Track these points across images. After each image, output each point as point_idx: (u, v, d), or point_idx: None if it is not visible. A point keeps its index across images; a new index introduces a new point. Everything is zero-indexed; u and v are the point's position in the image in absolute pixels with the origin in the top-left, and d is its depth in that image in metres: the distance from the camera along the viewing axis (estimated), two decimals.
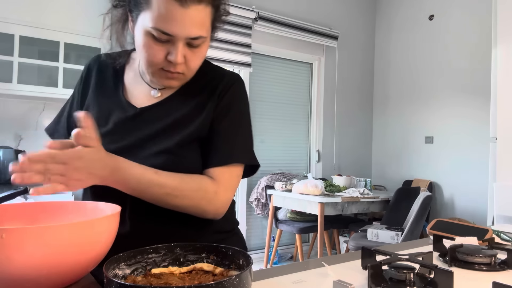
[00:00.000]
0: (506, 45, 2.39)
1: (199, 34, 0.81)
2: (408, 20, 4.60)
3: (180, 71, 0.85)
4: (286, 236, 4.32)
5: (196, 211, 0.86)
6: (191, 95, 0.93)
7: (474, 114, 3.93)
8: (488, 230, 1.09)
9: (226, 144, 0.91)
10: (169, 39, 0.80)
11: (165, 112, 0.91)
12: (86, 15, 2.91)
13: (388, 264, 0.75)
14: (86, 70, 1.00)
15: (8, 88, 2.63)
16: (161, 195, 0.81)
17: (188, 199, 0.84)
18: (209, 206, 0.87)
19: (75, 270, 0.61)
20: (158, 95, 0.93)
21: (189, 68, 0.86)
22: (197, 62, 0.87)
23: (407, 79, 4.59)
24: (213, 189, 0.87)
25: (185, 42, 0.82)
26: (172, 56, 0.81)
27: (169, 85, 0.89)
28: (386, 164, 4.79)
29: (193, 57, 0.85)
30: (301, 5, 4.31)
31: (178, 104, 0.92)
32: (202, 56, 0.87)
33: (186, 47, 0.82)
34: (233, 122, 0.93)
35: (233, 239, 1.00)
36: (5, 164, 2.59)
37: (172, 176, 0.83)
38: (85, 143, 0.71)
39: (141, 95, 0.94)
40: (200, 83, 0.94)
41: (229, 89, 0.94)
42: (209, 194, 0.86)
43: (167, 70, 0.84)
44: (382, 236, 3.10)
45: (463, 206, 4.01)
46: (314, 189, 3.30)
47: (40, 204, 0.77)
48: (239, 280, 0.56)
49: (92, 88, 0.97)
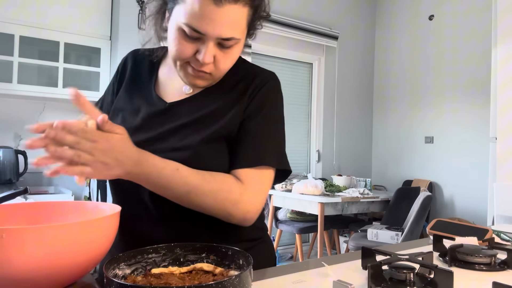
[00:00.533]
0: (506, 45, 2.39)
1: (231, 35, 0.79)
2: (408, 20, 4.60)
3: (208, 71, 0.82)
4: (286, 236, 4.32)
5: (221, 213, 0.81)
6: (222, 93, 0.89)
7: (474, 114, 3.93)
8: (488, 230, 1.09)
9: (257, 145, 0.86)
10: (200, 37, 0.78)
11: (193, 107, 0.89)
12: (86, 15, 2.91)
13: (388, 264, 0.75)
14: (122, 63, 0.99)
15: (8, 88, 2.63)
16: (182, 192, 0.78)
17: (210, 199, 0.79)
18: (234, 209, 0.81)
19: (75, 270, 0.61)
20: (189, 91, 0.91)
21: (218, 69, 0.83)
22: (227, 64, 0.84)
23: (407, 79, 4.59)
24: (238, 191, 0.82)
25: (216, 42, 0.79)
26: (200, 55, 0.79)
27: (194, 84, 0.86)
28: (386, 164, 4.79)
29: (223, 58, 0.82)
30: (301, 5, 4.31)
31: (207, 100, 0.89)
32: (233, 58, 0.84)
33: (216, 47, 0.80)
34: (265, 123, 0.89)
35: (260, 247, 0.97)
36: (5, 164, 2.59)
37: (195, 173, 0.79)
38: (112, 129, 0.69)
39: (173, 90, 0.92)
40: (231, 82, 0.91)
41: (260, 89, 0.90)
42: (233, 195, 0.81)
43: (194, 67, 0.82)
44: (382, 236, 3.10)
45: (463, 206, 4.01)
46: (314, 189, 3.30)
47: (40, 204, 0.77)
48: (239, 280, 0.56)
49: (126, 81, 0.96)
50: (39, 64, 2.76)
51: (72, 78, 2.86)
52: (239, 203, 0.81)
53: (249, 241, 0.93)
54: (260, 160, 0.85)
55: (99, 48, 2.95)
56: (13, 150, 2.65)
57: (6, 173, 2.59)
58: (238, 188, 0.82)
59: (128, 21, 2.98)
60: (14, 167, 2.63)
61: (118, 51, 2.93)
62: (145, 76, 0.96)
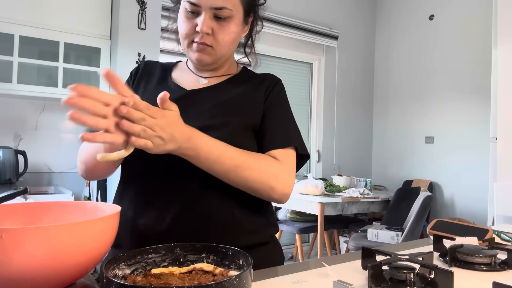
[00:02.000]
0: (506, 45, 2.39)
1: (223, 4, 0.87)
2: (408, 20, 4.60)
3: (208, 43, 0.89)
4: (286, 236, 4.32)
5: (264, 187, 0.87)
6: (239, 84, 0.98)
7: (474, 114, 3.93)
8: (488, 230, 1.09)
9: (284, 130, 0.95)
10: (198, 11, 0.87)
11: (213, 94, 0.95)
12: (86, 15, 2.91)
13: (388, 264, 0.75)
14: (135, 69, 1.05)
15: (8, 88, 2.63)
16: (230, 166, 0.83)
17: (257, 173, 0.85)
18: (276, 183, 0.88)
19: (75, 270, 0.61)
20: (205, 82, 0.98)
21: (217, 42, 0.90)
22: (225, 37, 0.90)
23: (407, 79, 4.59)
24: (279, 167, 0.89)
25: (211, 14, 0.87)
26: (198, 26, 0.87)
27: (200, 59, 0.92)
28: (386, 164, 4.79)
29: (220, 31, 0.89)
30: (301, 5, 4.31)
31: (226, 89, 0.97)
32: (230, 32, 0.90)
33: (213, 20, 0.88)
34: (285, 113, 0.99)
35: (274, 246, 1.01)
36: (5, 164, 2.59)
37: (240, 150, 0.86)
38: (169, 107, 0.74)
39: (189, 83, 0.99)
40: (242, 78, 1.01)
41: (274, 87, 0.99)
42: (275, 171, 0.88)
43: (197, 42, 0.89)
44: (382, 236, 3.10)
45: (463, 206, 4.01)
46: (314, 189, 3.30)
47: (40, 204, 0.77)
48: (239, 280, 0.56)
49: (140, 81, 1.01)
50: (39, 64, 2.76)
51: (72, 78, 2.86)
52: (280, 178, 0.88)
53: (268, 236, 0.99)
54: (288, 142, 0.94)
55: (99, 48, 2.95)
56: (13, 150, 2.65)
57: (6, 173, 2.59)
58: (277, 164, 0.90)
59: (128, 21, 2.98)
60: (14, 167, 2.63)
61: (118, 51, 2.93)
62: (159, 76, 1.02)
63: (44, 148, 2.99)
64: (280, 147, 0.92)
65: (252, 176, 0.85)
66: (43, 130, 3.01)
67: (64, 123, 3.10)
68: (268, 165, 0.88)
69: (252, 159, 0.86)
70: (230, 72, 1.02)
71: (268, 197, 0.90)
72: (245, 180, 0.85)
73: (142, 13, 3.03)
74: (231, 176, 0.84)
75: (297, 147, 0.95)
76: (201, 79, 0.99)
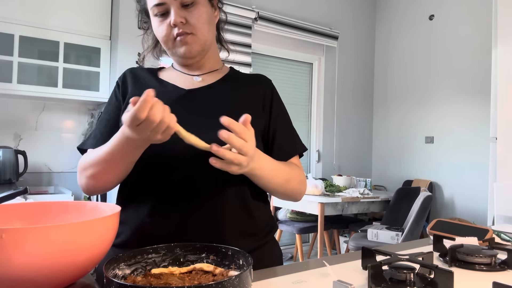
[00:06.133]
0: (506, 45, 2.39)
1: None
2: (408, 20, 4.60)
3: (188, 30, 0.91)
4: (286, 236, 4.32)
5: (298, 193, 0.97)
6: (234, 84, 1.01)
7: (474, 114, 3.93)
8: (488, 230, 1.09)
9: (292, 138, 1.03)
10: (166, 9, 0.90)
11: (213, 93, 0.97)
12: (86, 15, 2.91)
13: (388, 264, 0.75)
14: (122, 77, 1.03)
15: (8, 88, 2.63)
16: (282, 181, 0.91)
17: (297, 182, 0.95)
18: (304, 187, 0.99)
19: (75, 270, 0.61)
20: (199, 80, 0.99)
21: (194, 26, 0.92)
22: (199, 18, 0.92)
23: (407, 79, 4.59)
24: (302, 173, 1.00)
25: (178, 5, 0.90)
26: (172, 20, 0.89)
27: (188, 50, 0.93)
28: (386, 164, 4.79)
29: (191, 15, 0.91)
30: (301, 5, 4.31)
31: (224, 88, 0.99)
32: (201, 13, 0.93)
33: (182, 10, 0.91)
34: (287, 120, 1.05)
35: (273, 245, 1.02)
36: (5, 164, 2.59)
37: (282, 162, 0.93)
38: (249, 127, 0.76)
39: (184, 83, 0.99)
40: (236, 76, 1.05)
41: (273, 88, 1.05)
42: (303, 177, 0.99)
43: (177, 36, 0.91)
44: (382, 236, 3.10)
45: (463, 206, 4.01)
46: (314, 189, 3.30)
47: (40, 204, 0.77)
48: (239, 280, 0.56)
49: (131, 88, 0.99)
50: (39, 64, 2.76)
51: (72, 78, 2.86)
52: (304, 182, 1.00)
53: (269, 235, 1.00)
54: (299, 148, 1.03)
55: (99, 48, 2.95)
56: (13, 150, 2.65)
57: (6, 173, 2.59)
58: (301, 171, 1.00)
59: (128, 21, 2.98)
60: (14, 167, 2.63)
61: (118, 51, 2.93)
62: (149, 80, 1.00)
63: (44, 148, 2.99)
64: (295, 154, 1.01)
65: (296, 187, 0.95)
66: (43, 130, 3.01)
67: (64, 123, 3.10)
68: (300, 174, 0.98)
69: (293, 171, 0.95)
70: (217, 67, 1.04)
71: (295, 200, 0.99)
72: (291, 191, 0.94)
73: None
74: (281, 190, 0.91)
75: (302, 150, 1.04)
76: (194, 77, 1.00)
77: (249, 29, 3.83)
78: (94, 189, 0.90)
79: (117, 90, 1.00)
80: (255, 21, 3.88)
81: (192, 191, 0.87)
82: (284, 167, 0.92)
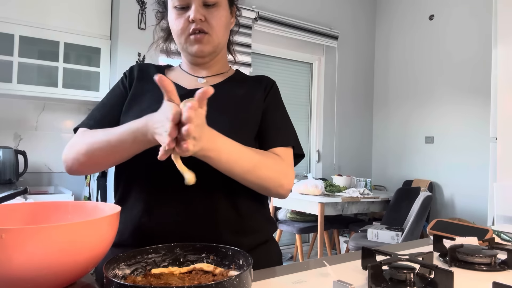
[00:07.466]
0: (506, 45, 2.39)
1: None
2: (408, 20, 4.60)
3: (205, 29, 0.92)
4: (286, 236, 4.32)
5: (275, 184, 0.88)
6: (238, 84, 1.01)
7: (474, 114, 3.93)
8: (488, 230, 1.09)
9: (284, 129, 0.99)
10: (187, 4, 0.91)
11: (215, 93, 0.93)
12: (86, 15, 2.91)
13: (388, 264, 0.75)
14: (129, 70, 1.04)
15: (8, 88, 2.63)
16: (249, 167, 0.83)
17: (270, 171, 0.87)
18: (285, 180, 0.90)
19: (75, 270, 0.61)
20: (203, 82, 1.00)
21: (211, 27, 0.92)
22: (218, 21, 0.93)
23: (407, 79, 4.59)
24: (284, 164, 0.92)
25: (200, 3, 0.91)
26: (191, 16, 0.90)
27: (200, 49, 0.94)
28: (386, 164, 4.79)
29: (211, 16, 0.92)
30: (301, 5, 4.31)
31: (227, 88, 0.98)
32: (221, 16, 0.94)
33: (203, 8, 0.91)
34: (284, 114, 1.03)
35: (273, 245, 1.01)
36: (5, 164, 2.59)
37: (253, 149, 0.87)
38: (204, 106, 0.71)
39: (188, 84, 0.99)
40: (241, 77, 1.05)
41: (273, 85, 1.04)
42: (283, 168, 0.91)
43: (192, 32, 0.92)
44: (382, 236, 3.10)
45: (463, 206, 4.01)
46: (314, 189, 3.30)
47: (40, 204, 0.77)
48: (239, 280, 0.56)
49: (137, 81, 1.00)
50: (39, 64, 2.76)
51: (72, 78, 2.86)
52: (287, 174, 0.91)
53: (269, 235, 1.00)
54: (288, 141, 0.97)
55: (99, 48, 2.95)
56: (13, 150, 2.65)
57: (6, 173, 2.59)
58: (283, 162, 0.92)
59: (128, 21, 2.98)
60: (14, 167, 2.63)
61: (118, 51, 2.93)
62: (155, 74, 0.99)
63: (44, 148, 2.99)
64: (281, 145, 0.95)
65: (267, 174, 0.86)
66: (43, 130, 3.01)
67: (64, 123, 3.10)
68: (278, 163, 0.90)
69: (265, 158, 0.88)
70: (223, 71, 1.04)
71: (276, 194, 0.91)
72: (261, 179, 0.86)
73: (142, 13, 3.03)
74: (248, 176, 0.84)
75: (294, 146, 0.98)
76: (199, 78, 1.00)
77: (249, 29, 3.83)
78: (81, 168, 0.88)
79: (124, 80, 1.02)
80: (255, 21, 3.88)
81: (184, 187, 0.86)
82: (254, 152, 0.85)
